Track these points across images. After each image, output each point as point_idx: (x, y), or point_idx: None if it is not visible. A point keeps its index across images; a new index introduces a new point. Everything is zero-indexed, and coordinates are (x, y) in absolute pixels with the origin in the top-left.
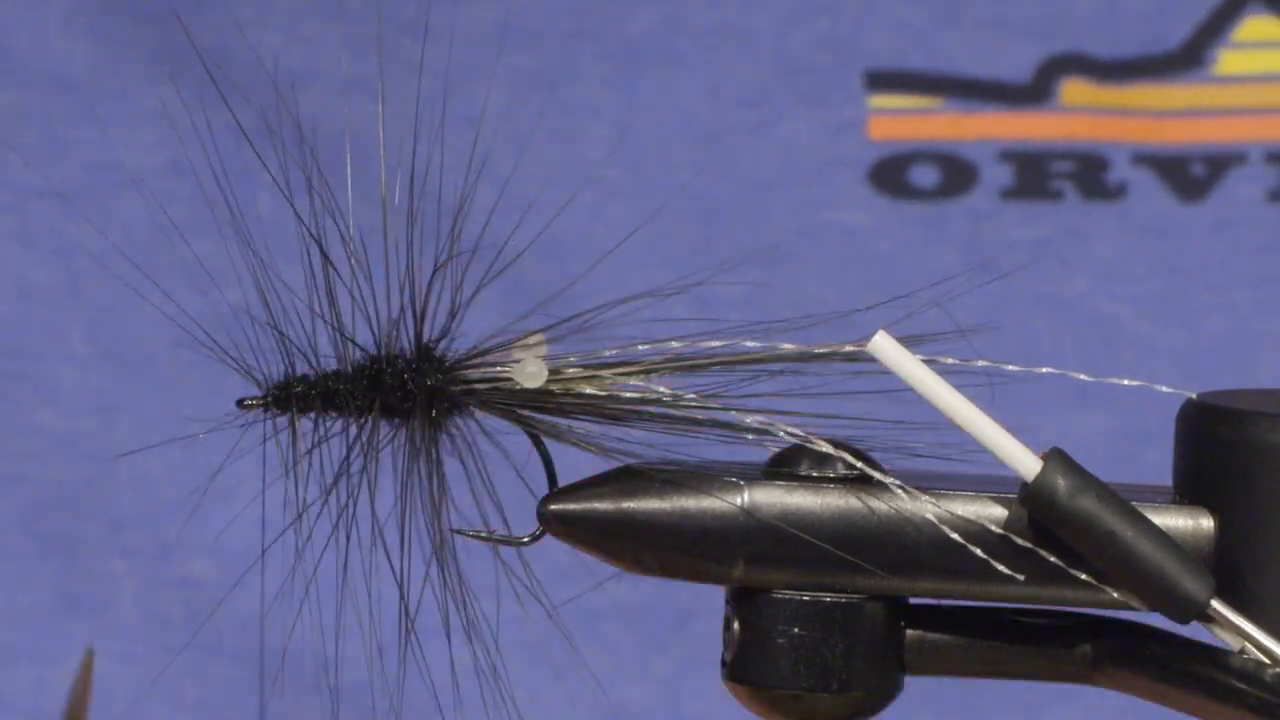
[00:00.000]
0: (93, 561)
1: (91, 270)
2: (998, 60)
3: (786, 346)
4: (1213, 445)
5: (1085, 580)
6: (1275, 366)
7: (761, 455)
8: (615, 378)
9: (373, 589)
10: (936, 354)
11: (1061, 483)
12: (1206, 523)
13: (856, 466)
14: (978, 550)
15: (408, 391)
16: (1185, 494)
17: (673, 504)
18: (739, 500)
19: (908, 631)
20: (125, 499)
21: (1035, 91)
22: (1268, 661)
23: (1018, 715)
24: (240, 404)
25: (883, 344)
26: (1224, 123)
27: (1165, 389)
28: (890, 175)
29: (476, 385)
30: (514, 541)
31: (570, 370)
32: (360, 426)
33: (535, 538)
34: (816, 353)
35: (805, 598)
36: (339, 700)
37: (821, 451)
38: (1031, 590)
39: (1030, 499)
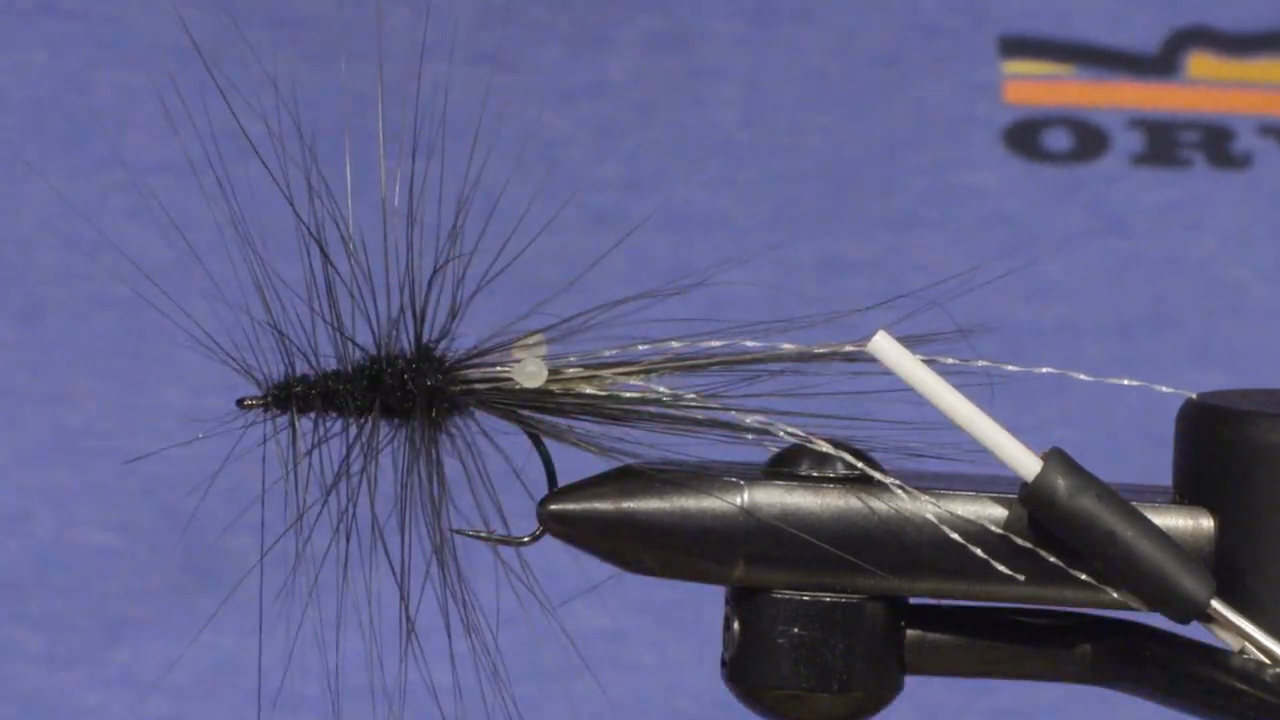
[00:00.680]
0: (220, 540)
1: (214, 245)
2: (1127, 32)
3: (786, 346)
4: (1213, 445)
5: (1085, 580)
6: None
7: (761, 455)
8: (615, 378)
9: (373, 589)
10: (936, 354)
11: (1061, 483)
12: (1206, 523)
13: (856, 466)
14: (978, 550)
15: (408, 392)
16: (1185, 494)
17: (672, 504)
18: (739, 500)
19: (908, 631)
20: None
21: (1163, 63)
22: (1268, 662)
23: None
24: (240, 404)
25: (883, 344)
26: None
27: (1165, 389)
28: (1024, 138)
29: (476, 385)
30: (514, 541)
31: (570, 370)
32: (360, 427)
33: (535, 538)
34: (816, 353)
35: (805, 598)
36: (339, 700)
37: (821, 451)
38: (1031, 590)
39: (1030, 499)
